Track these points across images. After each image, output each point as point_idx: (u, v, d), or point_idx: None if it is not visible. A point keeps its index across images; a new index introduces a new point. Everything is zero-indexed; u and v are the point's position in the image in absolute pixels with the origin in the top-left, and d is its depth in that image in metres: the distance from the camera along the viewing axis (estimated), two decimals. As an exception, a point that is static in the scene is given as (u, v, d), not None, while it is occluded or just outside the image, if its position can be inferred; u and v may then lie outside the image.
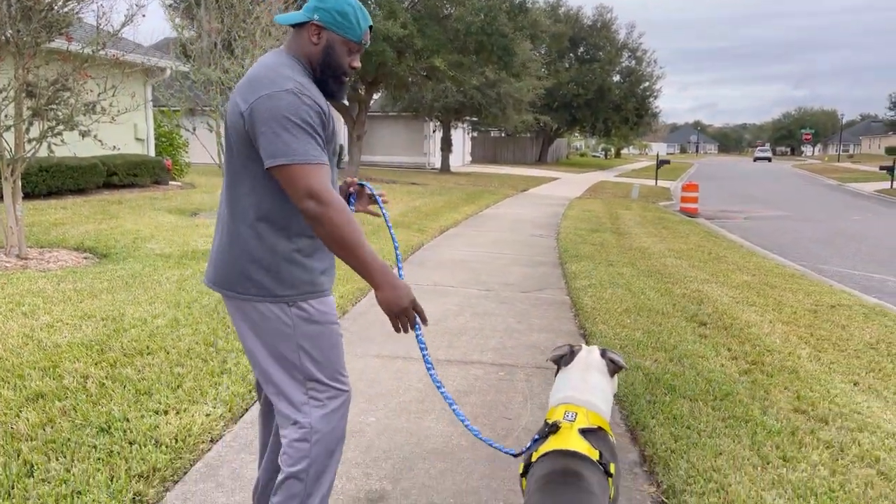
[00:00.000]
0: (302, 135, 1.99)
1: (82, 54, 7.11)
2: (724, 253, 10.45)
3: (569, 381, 2.27)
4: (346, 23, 2.13)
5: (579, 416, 2.12)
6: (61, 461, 2.91)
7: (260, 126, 1.99)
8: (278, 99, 1.99)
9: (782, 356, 4.99)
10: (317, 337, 2.16)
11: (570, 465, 1.97)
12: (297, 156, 1.97)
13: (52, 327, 4.72)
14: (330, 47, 2.15)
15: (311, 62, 2.16)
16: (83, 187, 12.88)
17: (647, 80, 49.85)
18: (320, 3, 2.13)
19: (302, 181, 1.97)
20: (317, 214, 1.97)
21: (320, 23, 2.12)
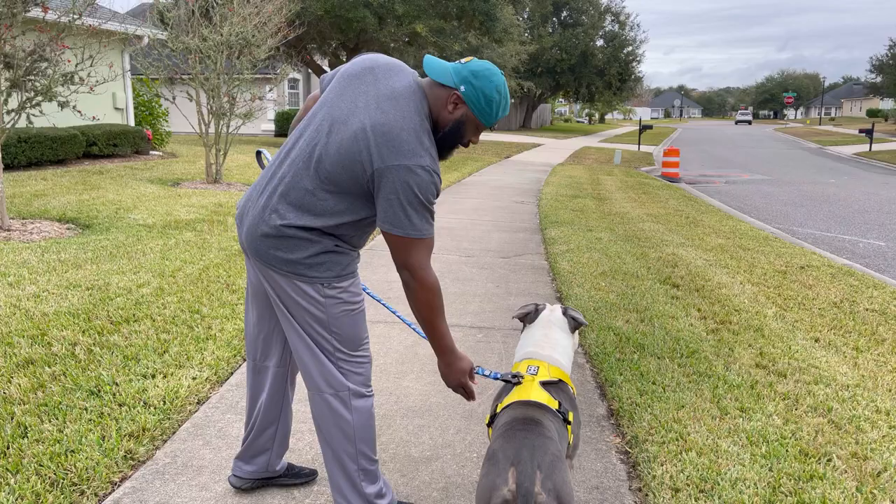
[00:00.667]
0: (424, 212, 2.10)
1: (59, 24, 7.07)
2: (701, 217, 10.65)
3: (532, 338, 2.45)
4: (488, 109, 2.17)
5: (541, 370, 2.30)
6: (54, 423, 3.04)
7: (388, 192, 2.06)
8: (416, 175, 2.05)
9: (749, 315, 5.19)
10: (345, 316, 2.27)
11: (530, 413, 2.13)
12: (414, 231, 2.08)
13: (39, 297, 4.81)
14: (462, 122, 2.19)
15: (439, 121, 2.19)
16: (63, 158, 12.81)
17: (630, 44, 49.69)
18: (473, 79, 2.14)
19: (406, 253, 2.11)
20: (409, 285, 2.15)
21: (463, 98, 2.15)
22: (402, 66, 2.29)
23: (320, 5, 19.33)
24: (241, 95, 11.60)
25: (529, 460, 1.88)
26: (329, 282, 2.21)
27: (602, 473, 2.90)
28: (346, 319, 2.27)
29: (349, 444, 2.33)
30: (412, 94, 2.16)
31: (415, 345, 4.41)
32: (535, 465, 1.87)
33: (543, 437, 2.00)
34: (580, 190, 13.79)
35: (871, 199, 15.11)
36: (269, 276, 2.25)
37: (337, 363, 2.30)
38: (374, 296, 2.80)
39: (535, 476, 1.84)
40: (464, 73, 2.15)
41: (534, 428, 2.04)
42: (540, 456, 1.90)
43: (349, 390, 2.30)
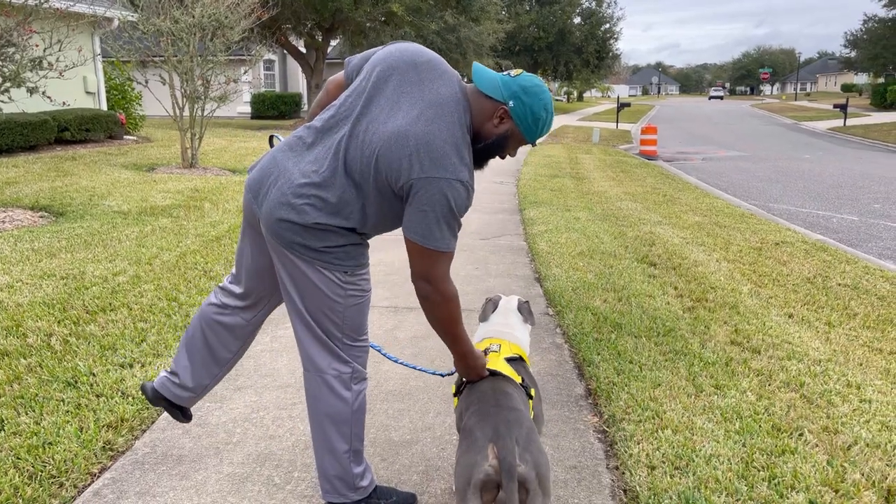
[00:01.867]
0: (455, 226, 2.07)
1: (26, 7, 6.91)
2: (679, 195, 10.73)
3: (492, 321, 2.63)
4: (534, 127, 2.16)
5: (503, 347, 2.43)
6: (31, 415, 3.02)
7: (423, 204, 2.02)
8: (453, 189, 2.02)
9: (725, 293, 5.26)
10: (357, 304, 2.27)
11: (499, 385, 2.22)
12: (444, 245, 2.06)
13: (12, 287, 4.76)
14: (506, 137, 2.16)
15: (481, 133, 2.15)
16: (34, 144, 12.59)
17: (607, 21, 49.63)
18: (523, 94, 2.12)
19: (430, 265, 2.07)
20: (428, 297, 2.12)
21: (511, 114, 2.12)
22: (445, 65, 2.23)
23: (294, -15, 19.07)
24: (216, 78, 11.44)
25: (507, 435, 1.92)
26: (352, 269, 2.20)
27: (580, 453, 2.94)
28: (358, 307, 2.28)
29: (345, 425, 2.34)
30: (457, 103, 2.11)
31: (395, 328, 4.42)
32: (513, 439, 1.92)
33: (516, 411, 2.06)
34: (559, 169, 13.82)
35: (844, 175, 15.31)
36: (283, 257, 2.20)
37: (341, 347, 2.31)
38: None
39: (515, 450, 1.89)
40: (514, 87, 2.12)
41: (505, 402, 2.10)
42: (516, 430, 1.96)
43: (352, 372, 2.32)
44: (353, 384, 2.34)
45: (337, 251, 2.16)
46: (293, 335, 2.90)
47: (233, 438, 3.00)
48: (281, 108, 29.35)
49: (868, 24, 47.71)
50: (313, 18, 21.88)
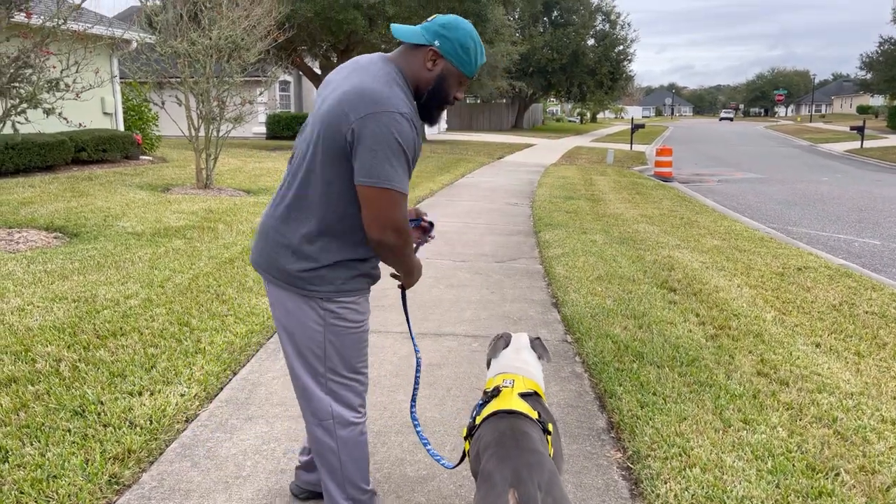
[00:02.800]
0: (403, 164, 2.01)
1: (44, 29, 6.95)
2: (696, 217, 10.59)
3: (504, 356, 2.50)
4: (466, 57, 2.12)
5: (517, 382, 2.31)
6: (36, 446, 2.93)
7: (367, 141, 1.97)
8: (394, 122, 1.97)
9: (748, 320, 5.11)
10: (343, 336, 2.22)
11: (516, 424, 2.09)
12: (394, 182, 1.99)
13: (23, 310, 4.70)
14: (444, 77, 2.13)
15: (419, 84, 2.14)
16: (51, 164, 12.65)
17: (621, 43, 49.65)
18: (445, 31, 2.10)
19: (390, 211, 2.01)
20: (396, 247, 2.07)
21: (440, 51, 2.10)
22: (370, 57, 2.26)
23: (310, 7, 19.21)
24: (231, 99, 11.47)
25: (529, 479, 1.84)
26: (330, 296, 2.14)
27: (604, 491, 2.81)
28: (343, 339, 2.20)
29: (336, 472, 2.28)
30: (381, 61, 2.13)
31: (409, 355, 4.31)
32: (535, 484, 1.83)
33: (537, 454, 1.96)
34: (573, 191, 13.72)
35: (864, 197, 15.10)
36: (270, 293, 2.25)
37: (326, 384, 2.22)
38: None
39: (537, 496, 1.80)
40: (434, 27, 2.11)
41: (525, 443, 2.00)
42: (538, 474, 1.87)
43: (333, 419, 2.24)
44: (339, 430, 2.25)
45: (311, 275, 2.13)
46: None
47: (243, 472, 2.90)
48: (295, 129, 29.43)
49: (884, 46, 47.52)
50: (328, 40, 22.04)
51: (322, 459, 2.29)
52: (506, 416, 2.15)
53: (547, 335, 4.80)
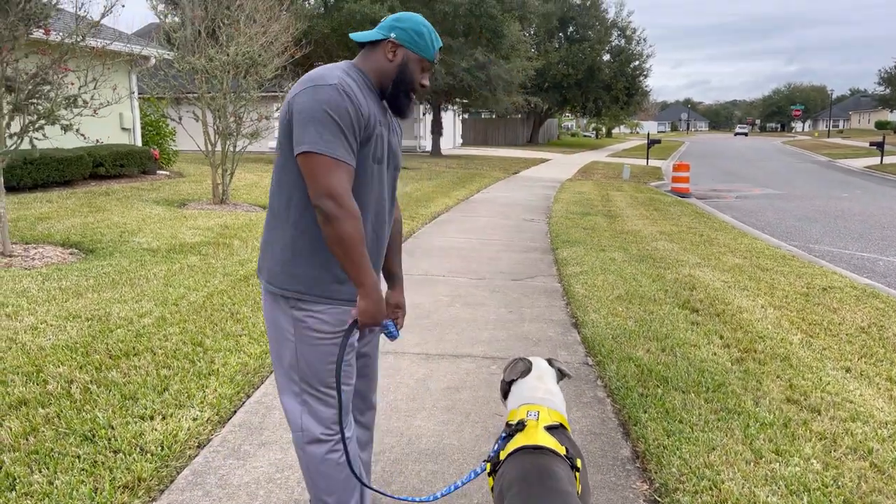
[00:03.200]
0: (334, 131, 2.03)
1: (62, 46, 6.96)
2: (716, 235, 10.43)
3: (527, 385, 2.37)
4: (422, 42, 2.22)
5: (542, 414, 2.19)
6: (44, 473, 2.85)
7: (297, 114, 2.05)
8: (321, 92, 2.05)
9: (774, 343, 4.97)
10: (312, 346, 2.21)
11: (543, 462, 1.99)
12: (326, 147, 2.01)
13: (37, 329, 4.65)
14: (405, 64, 2.21)
15: (383, 78, 2.22)
16: (69, 179, 12.71)
17: (636, 58, 49.59)
18: (397, 23, 2.22)
19: (323, 177, 2.01)
20: (332, 215, 2.01)
21: (397, 41, 2.20)
22: None
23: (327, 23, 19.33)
24: (248, 115, 11.49)
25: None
26: (297, 296, 2.17)
27: (631, 527, 2.69)
28: (314, 350, 2.20)
29: (310, 489, 2.30)
30: (335, 66, 2.20)
31: (426, 378, 4.21)
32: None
33: (564, 494, 1.87)
34: (590, 207, 13.60)
35: (886, 214, 14.86)
36: (263, 300, 2.31)
37: (301, 395, 2.23)
38: None
39: None
40: (387, 22, 2.24)
41: (552, 483, 1.90)
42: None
43: (301, 432, 2.24)
44: (306, 446, 2.25)
45: (282, 271, 2.17)
46: None
47: (255, 502, 2.80)
48: (311, 144, 29.61)
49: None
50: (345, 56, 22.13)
51: (301, 469, 2.33)
52: (532, 452, 2.05)
53: (567, 357, 4.69)
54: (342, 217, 2.01)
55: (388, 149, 2.24)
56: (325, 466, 2.24)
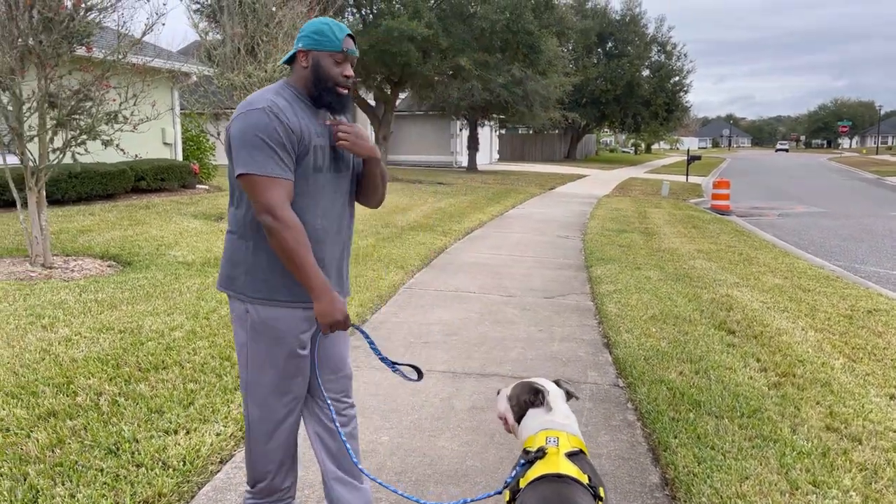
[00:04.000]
0: (265, 149, 2.20)
1: (105, 63, 7.14)
2: (756, 254, 10.18)
3: (544, 412, 2.29)
4: (324, 39, 2.33)
5: (561, 440, 2.14)
6: (67, 486, 2.87)
7: (233, 140, 2.25)
8: (250, 116, 2.23)
9: (814, 367, 4.79)
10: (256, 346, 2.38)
11: (565, 491, 1.93)
12: (259, 168, 2.19)
13: (70, 341, 4.72)
14: (317, 64, 2.34)
15: (306, 84, 2.36)
16: (112, 193, 13.03)
17: (676, 74, 49.11)
18: (301, 34, 2.37)
19: (260, 195, 2.19)
20: (270, 228, 2.19)
21: (304, 48, 2.34)
22: None
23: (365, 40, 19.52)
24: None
25: None
26: (255, 299, 2.34)
27: (657, 558, 2.59)
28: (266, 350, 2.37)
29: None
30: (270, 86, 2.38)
31: (451, 397, 4.16)
32: None
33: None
34: (627, 224, 13.42)
35: (937, 234, 14.34)
36: None
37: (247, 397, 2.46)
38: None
39: None
40: (296, 39, 2.39)
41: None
42: None
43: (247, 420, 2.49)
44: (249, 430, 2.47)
45: (245, 281, 2.34)
46: None
47: (273, 521, 2.77)
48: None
49: (955, 75, 45.71)
50: (383, 72, 22.35)
51: None
52: (554, 481, 1.98)
53: (597, 378, 4.59)
54: (279, 228, 2.18)
55: (330, 155, 2.38)
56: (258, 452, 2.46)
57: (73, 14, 6.73)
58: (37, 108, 6.87)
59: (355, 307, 5.93)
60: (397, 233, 10.62)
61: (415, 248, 9.25)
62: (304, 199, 2.31)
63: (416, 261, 8.36)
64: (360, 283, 6.87)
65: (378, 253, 8.69)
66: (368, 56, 20.16)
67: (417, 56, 20.28)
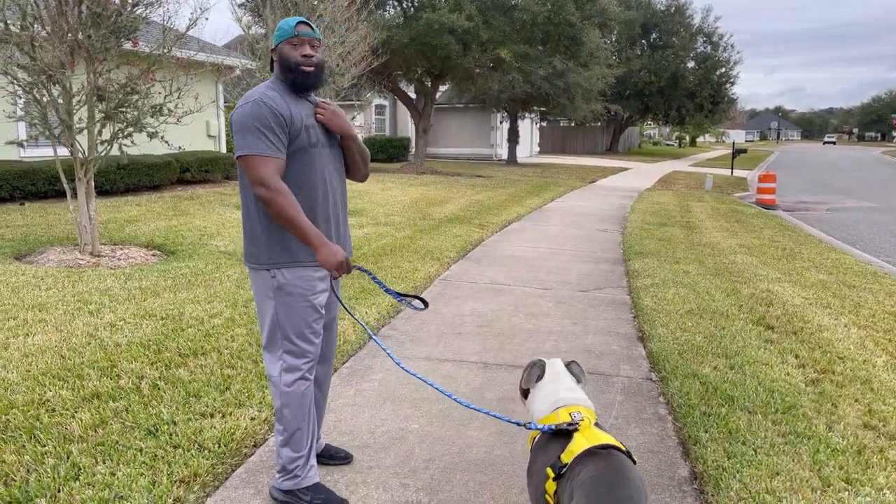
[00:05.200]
0: (257, 133, 2.58)
1: (150, 57, 7.33)
2: (800, 249, 9.96)
3: (548, 389, 2.42)
4: (282, 31, 2.72)
5: (584, 413, 2.25)
6: (108, 464, 2.99)
7: (233, 130, 2.64)
8: (245, 108, 2.63)
9: (855, 364, 4.69)
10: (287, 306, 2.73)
11: (615, 461, 2.04)
12: (249, 149, 2.57)
13: (115, 326, 4.89)
14: (281, 54, 2.73)
15: (284, 77, 2.75)
16: (158, 184, 13.37)
17: (723, 65, 48.07)
18: (273, 38, 2.76)
19: (253, 171, 2.57)
20: (265, 198, 2.56)
21: (273, 47, 2.76)
22: None
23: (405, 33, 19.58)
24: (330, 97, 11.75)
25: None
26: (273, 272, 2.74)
27: (682, 551, 2.59)
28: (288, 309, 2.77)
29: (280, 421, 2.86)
30: (262, 83, 2.77)
31: (482, 387, 4.19)
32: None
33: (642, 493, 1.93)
34: (668, 218, 13.24)
35: None
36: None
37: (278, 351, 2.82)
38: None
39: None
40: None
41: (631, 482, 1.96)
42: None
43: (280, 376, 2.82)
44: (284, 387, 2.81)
45: (258, 251, 2.73)
46: (379, 389, 3.87)
47: (304, 503, 2.84)
48: (390, 152, 30.06)
49: None
50: (423, 65, 22.37)
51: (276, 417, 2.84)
52: (600, 452, 2.08)
53: (630, 372, 4.56)
54: (272, 196, 2.54)
55: (323, 132, 2.76)
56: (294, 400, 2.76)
57: (121, 9, 6.92)
58: (86, 101, 7.09)
59: (390, 297, 5.99)
60: (434, 225, 10.67)
61: (451, 240, 9.29)
62: (308, 169, 2.69)
63: (452, 253, 8.40)
64: (395, 274, 6.94)
65: (415, 244, 8.76)
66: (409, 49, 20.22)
67: (458, 48, 20.26)
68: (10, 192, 10.75)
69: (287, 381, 2.74)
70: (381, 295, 6.07)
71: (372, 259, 7.74)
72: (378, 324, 5.39)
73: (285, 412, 2.76)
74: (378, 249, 8.36)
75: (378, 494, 2.92)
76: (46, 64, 6.67)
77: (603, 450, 2.08)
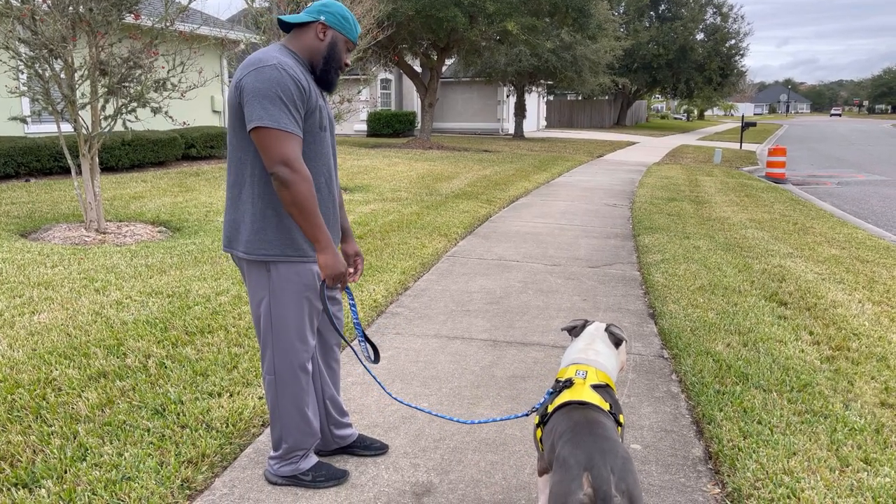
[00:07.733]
0: (280, 104, 2.28)
1: (153, 30, 7.21)
2: (812, 223, 9.84)
3: (576, 347, 2.55)
4: (348, 25, 2.51)
5: (589, 374, 2.35)
6: (115, 445, 2.95)
7: (246, 96, 2.31)
8: (264, 72, 2.30)
9: (871, 341, 4.62)
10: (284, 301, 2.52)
11: (591, 415, 2.14)
12: (271, 121, 2.26)
13: (121, 304, 4.85)
14: (334, 44, 2.50)
15: (314, 56, 2.49)
16: (163, 160, 13.30)
17: (732, 37, 47.39)
18: (325, 7, 2.48)
19: (274, 147, 2.28)
20: (287, 180, 2.28)
21: (327, 23, 2.47)
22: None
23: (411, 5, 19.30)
24: (330, 98, 11.64)
25: (602, 464, 1.89)
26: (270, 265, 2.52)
27: (698, 532, 2.54)
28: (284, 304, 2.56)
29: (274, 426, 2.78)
30: (270, 47, 2.45)
31: (492, 365, 4.14)
32: (609, 468, 1.89)
33: (611, 440, 2.01)
34: (677, 192, 13.11)
35: None
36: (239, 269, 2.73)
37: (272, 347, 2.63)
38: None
39: (610, 479, 1.86)
40: (315, 7, 2.49)
41: (599, 431, 2.05)
42: (611, 459, 1.92)
43: (274, 375, 2.67)
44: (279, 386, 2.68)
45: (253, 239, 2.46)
46: (389, 367, 3.69)
47: (313, 484, 2.81)
48: (395, 126, 29.86)
49: None
50: (429, 38, 22.08)
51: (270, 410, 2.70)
52: (578, 407, 2.20)
53: (642, 349, 4.51)
54: (296, 181, 2.29)
55: (328, 117, 2.54)
56: (287, 402, 2.63)
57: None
58: (88, 76, 6.99)
59: (397, 274, 5.94)
60: (441, 201, 10.58)
61: (458, 216, 9.21)
62: (314, 154, 2.47)
63: (459, 229, 8.33)
64: (402, 251, 6.87)
65: (421, 221, 8.68)
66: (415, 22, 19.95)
67: (464, 21, 19.97)
68: (15, 169, 10.70)
69: (281, 381, 2.62)
70: (390, 272, 6.01)
71: (379, 235, 7.67)
72: (386, 301, 5.33)
73: (280, 408, 2.67)
74: (385, 226, 8.29)
75: (388, 475, 2.88)
76: (48, 38, 6.57)
77: (581, 405, 2.20)
